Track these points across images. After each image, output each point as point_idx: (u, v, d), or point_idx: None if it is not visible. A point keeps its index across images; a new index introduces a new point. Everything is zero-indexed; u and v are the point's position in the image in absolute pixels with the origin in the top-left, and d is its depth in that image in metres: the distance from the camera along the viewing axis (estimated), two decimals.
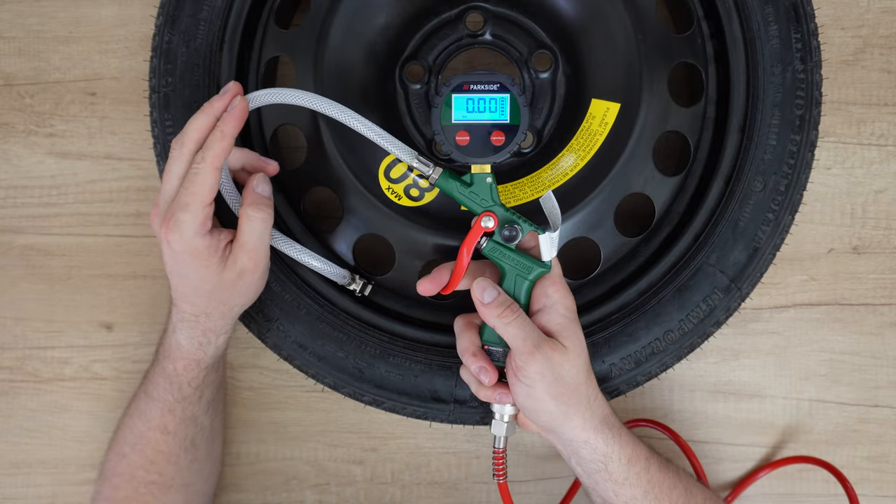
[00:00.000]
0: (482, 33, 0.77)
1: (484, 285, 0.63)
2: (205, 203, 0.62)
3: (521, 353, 0.62)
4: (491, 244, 0.65)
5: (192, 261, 0.63)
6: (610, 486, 0.65)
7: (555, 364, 0.61)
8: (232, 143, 0.63)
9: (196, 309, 0.66)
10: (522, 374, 0.62)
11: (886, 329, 0.83)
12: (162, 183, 0.64)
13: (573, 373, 0.62)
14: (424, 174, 0.66)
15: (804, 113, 0.70)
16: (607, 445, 0.64)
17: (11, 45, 0.85)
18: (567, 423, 0.63)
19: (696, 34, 0.74)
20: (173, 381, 0.69)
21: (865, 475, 0.83)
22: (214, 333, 0.68)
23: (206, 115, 0.63)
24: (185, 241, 0.62)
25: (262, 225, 0.64)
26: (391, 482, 0.84)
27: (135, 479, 0.71)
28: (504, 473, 0.68)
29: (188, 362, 0.69)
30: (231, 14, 0.72)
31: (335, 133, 0.72)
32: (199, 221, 0.62)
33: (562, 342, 0.62)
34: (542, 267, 0.64)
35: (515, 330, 0.62)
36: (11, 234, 0.85)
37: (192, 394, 0.70)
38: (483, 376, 0.64)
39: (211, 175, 0.61)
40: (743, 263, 0.70)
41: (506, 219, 0.64)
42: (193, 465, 0.73)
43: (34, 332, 0.85)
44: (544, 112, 0.77)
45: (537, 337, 0.62)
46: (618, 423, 0.66)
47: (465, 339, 0.66)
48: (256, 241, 0.64)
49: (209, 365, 0.70)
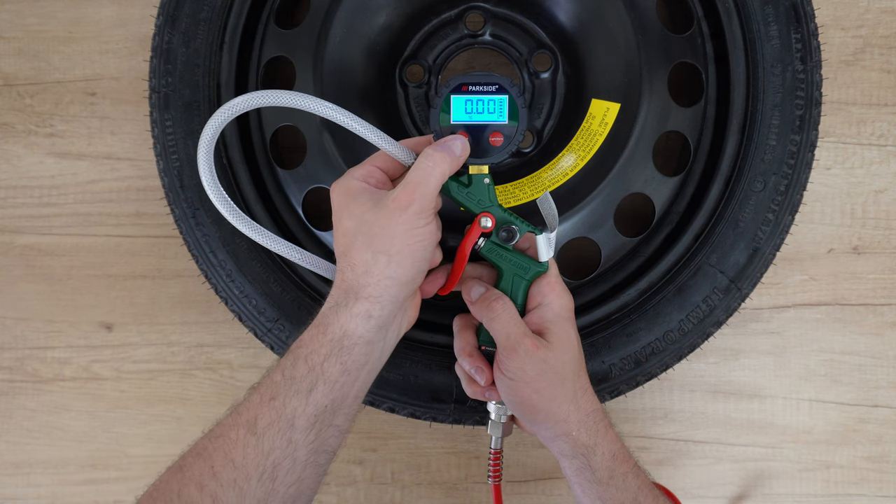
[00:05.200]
0: (482, 33, 0.77)
1: (471, 284, 0.64)
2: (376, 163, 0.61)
3: (503, 348, 0.62)
4: (489, 245, 0.65)
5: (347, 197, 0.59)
6: (595, 489, 0.63)
7: (536, 359, 0.61)
8: None
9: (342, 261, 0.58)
10: (504, 367, 0.62)
11: (886, 329, 0.83)
12: None
13: (557, 367, 0.62)
14: None
15: (804, 113, 0.70)
16: (590, 437, 0.63)
17: (11, 45, 0.85)
18: (550, 416, 0.63)
19: (696, 34, 0.74)
20: (291, 353, 0.56)
21: (865, 475, 0.83)
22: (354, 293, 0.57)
23: None
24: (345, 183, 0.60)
25: (434, 167, 0.58)
26: (391, 482, 0.84)
27: None
28: (499, 476, 0.68)
29: (316, 328, 0.56)
30: (231, 14, 0.72)
31: (335, 133, 0.72)
32: (366, 172, 0.60)
33: (547, 338, 0.62)
34: (539, 267, 0.64)
35: (499, 325, 0.62)
36: (11, 235, 0.85)
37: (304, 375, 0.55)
38: (478, 375, 0.65)
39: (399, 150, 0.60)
40: (743, 263, 0.70)
41: (503, 220, 0.65)
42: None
43: (34, 332, 0.85)
44: (544, 112, 0.77)
45: (520, 333, 0.62)
46: (607, 421, 0.65)
47: (461, 338, 0.67)
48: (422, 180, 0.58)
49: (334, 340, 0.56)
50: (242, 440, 0.53)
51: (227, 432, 0.53)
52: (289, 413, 0.54)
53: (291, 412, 0.54)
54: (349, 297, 0.57)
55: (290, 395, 0.54)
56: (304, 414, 0.54)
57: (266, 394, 0.55)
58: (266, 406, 0.54)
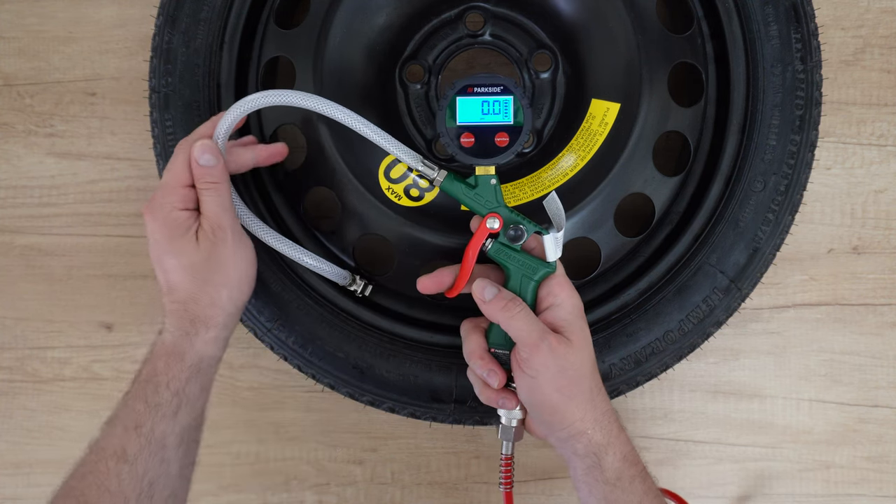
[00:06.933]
0: (482, 33, 0.77)
1: (483, 284, 0.64)
2: (181, 183, 0.63)
3: (525, 345, 0.62)
4: (496, 245, 0.65)
5: (168, 234, 0.63)
6: (601, 489, 0.63)
7: (559, 356, 0.61)
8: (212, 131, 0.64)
9: (181, 294, 0.63)
10: (527, 365, 0.62)
11: (886, 329, 0.83)
12: None
13: (577, 365, 0.62)
14: (429, 177, 0.66)
15: (804, 113, 0.70)
16: (604, 437, 0.63)
17: (11, 45, 0.85)
18: (568, 415, 0.63)
19: (696, 34, 0.74)
20: (149, 382, 0.61)
21: (865, 475, 0.83)
22: (203, 323, 0.63)
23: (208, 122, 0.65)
24: (163, 215, 0.63)
25: (215, 195, 0.63)
26: (391, 482, 0.84)
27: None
28: (511, 482, 0.67)
29: (170, 357, 0.62)
30: (231, 14, 0.72)
31: (335, 133, 0.72)
32: (178, 197, 0.63)
33: (566, 336, 0.63)
34: (547, 267, 0.64)
35: (520, 322, 0.62)
36: (11, 235, 0.85)
37: (168, 401, 0.61)
38: (492, 379, 0.64)
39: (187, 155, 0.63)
40: (743, 263, 0.70)
41: (510, 220, 0.65)
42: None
43: (34, 332, 0.85)
44: (544, 112, 0.77)
45: (541, 329, 0.62)
46: (619, 422, 0.65)
47: (471, 341, 0.66)
48: (216, 210, 0.63)
49: (193, 365, 0.63)
50: (115, 469, 0.58)
51: (96, 467, 0.58)
52: (158, 436, 0.59)
53: (161, 434, 0.60)
54: (198, 327, 0.63)
55: (158, 420, 0.60)
56: (174, 433, 0.61)
57: (130, 424, 0.59)
58: (132, 434, 0.59)
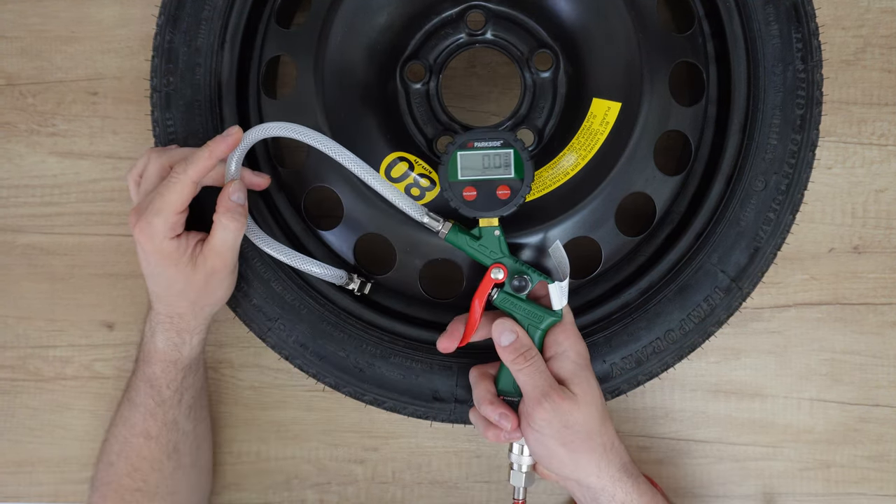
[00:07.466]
0: (483, 32, 0.77)
1: (503, 328, 0.65)
2: (177, 211, 0.64)
3: (529, 400, 0.63)
4: (502, 295, 0.66)
5: (162, 261, 0.65)
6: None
7: (562, 412, 0.62)
8: (215, 164, 0.65)
9: (169, 309, 0.69)
10: (531, 420, 0.63)
11: (887, 328, 0.83)
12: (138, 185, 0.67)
13: (582, 420, 0.63)
14: (434, 229, 0.68)
15: (805, 112, 0.70)
16: (626, 494, 0.64)
17: (14, 44, 0.85)
18: (580, 470, 0.64)
19: (697, 33, 0.74)
20: (153, 385, 0.71)
21: (866, 475, 0.83)
22: (189, 333, 0.70)
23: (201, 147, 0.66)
24: (155, 244, 0.64)
25: (234, 233, 0.66)
26: (392, 481, 0.84)
27: (121, 488, 0.73)
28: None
29: (165, 364, 0.71)
30: (232, 13, 0.72)
31: (335, 133, 0.72)
32: (170, 226, 0.64)
33: (572, 389, 0.63)
34: (553, 316, 0.65)
35: (525, 377, 0.63)
36: (13, 234, 0.85)
37: (172, 397, 0.72)
38: (504, 421, 0.65)
39: (188, 187, 0.64)
40: (744, 263, 0.70)
41: (515, 270, 0.66)
42: (178, 473, 0.74)
43: (36, 331, 0.85)
44: (545, 111, 0.77)
45: (547, 385, 0.63)
46: (636, 471, 0.66)
47: (480, 387, 0.67)
48: (229, 247, 0.66)
49: (186, 366, 0.72)
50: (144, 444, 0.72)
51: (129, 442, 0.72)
52: (170, 419, 0.72)
53: (172, 417, 0.72)
54: (184, 337, 0.70)
55: (167, 409, 0.72)
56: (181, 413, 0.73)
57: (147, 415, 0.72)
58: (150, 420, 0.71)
